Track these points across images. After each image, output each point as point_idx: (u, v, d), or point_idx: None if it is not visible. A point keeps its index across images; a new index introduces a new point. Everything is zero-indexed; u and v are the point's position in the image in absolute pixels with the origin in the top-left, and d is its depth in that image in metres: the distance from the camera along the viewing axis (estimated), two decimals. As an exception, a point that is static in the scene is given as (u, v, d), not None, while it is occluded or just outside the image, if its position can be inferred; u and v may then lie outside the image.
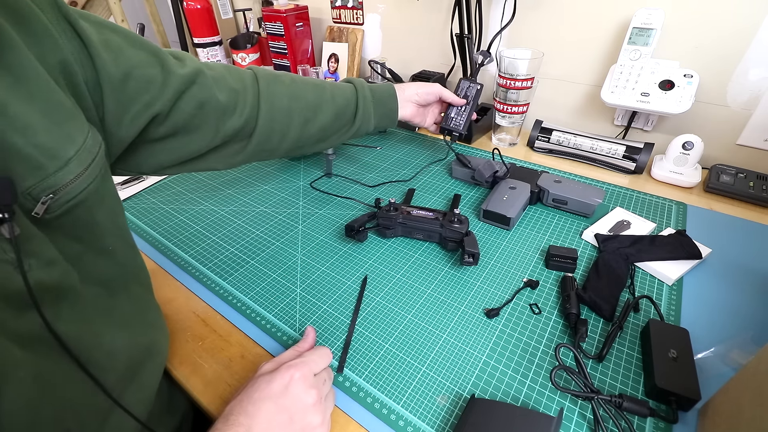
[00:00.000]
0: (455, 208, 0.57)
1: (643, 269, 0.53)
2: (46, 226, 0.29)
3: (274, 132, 0.52)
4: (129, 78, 0.36)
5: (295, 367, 0.36)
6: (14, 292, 0.26)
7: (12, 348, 0.26)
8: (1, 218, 0.25)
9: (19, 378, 0.26)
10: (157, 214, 0.69)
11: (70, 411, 0.30)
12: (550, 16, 0.82)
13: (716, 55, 0.69)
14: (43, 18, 0.30)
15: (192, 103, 0.43)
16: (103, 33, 0.35)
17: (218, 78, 0.46)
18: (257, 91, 0.50)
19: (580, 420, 0.38)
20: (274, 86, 0.51)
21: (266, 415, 0.33)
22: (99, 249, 0.35)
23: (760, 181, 0.66)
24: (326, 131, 0.58)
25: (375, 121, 0.62)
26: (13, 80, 0.27)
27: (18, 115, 0.27)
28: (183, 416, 0.48)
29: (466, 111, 0.72)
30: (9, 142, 0.26)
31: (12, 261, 0.26)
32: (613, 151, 0.74)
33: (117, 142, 0.38)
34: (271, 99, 0.51)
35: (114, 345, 0.35)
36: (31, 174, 0.27)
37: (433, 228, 0.58)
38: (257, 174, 0.79)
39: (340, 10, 1.14)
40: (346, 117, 0.59)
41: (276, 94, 0.51)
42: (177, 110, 0.42)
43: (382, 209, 0.60)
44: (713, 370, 0.42)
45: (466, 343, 0.45)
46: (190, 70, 0.43)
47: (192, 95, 0.43)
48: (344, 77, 1.14)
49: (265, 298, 0.52)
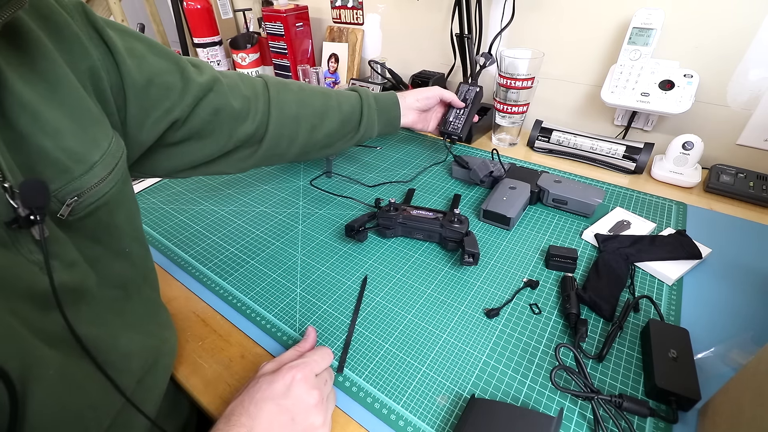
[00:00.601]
0: (455, 208, 0.57)
1: (643, 269, 0.53)
2: (69, 227, 0.30)
3: (283, 137, 0.53)
4: (151, 84, 0.38)
5: (297, 367, 0.36)
6: (40, 293, 0.26)
7: (42, 346, 0.26)
8: (32, 220, 0.25)
9: (49, 376, 0.26)
10: (157, 214, 0.69)
11: (90, 410, 0.30)
12: (550, 16, 0.82)
13: (716, 55, 0.69)
14: (73, 26, 0.31)
15: (208, 110, 0.45)
16: (127, 41, 0.37)
17: (232, 86, 0.48)
18: (268, 98, 0.52)
19: (580, 420, 0.38)
20: (283, 94, 0.53)
21: (268, 415, 0.33)
22: (117, 251, 0.36)
23: (760, 181, 0.65)
24: (332, 137, 0.59)
25: (378, 128, 0.64)
26: (47, 86, 0.28)
27: (49, 120, 0.28)
28: (187, 418, 0.49)
29: (465, 114, 0.73)
30: (39, 145, 0.27)
31: (38, 262, 0.27)
32: (613, 151, 0.74)
33: (137, 145, 0.40)
34: (280, 106, 0.52)
35: (129, 347, 0.35)
36: (58, 177, 0.28)
37: (433, 228, 0.58)
38: (257, 174, 0.79)
39: (340, 10, 1.14)
40: (351, 124, 0.61)
41: (285, 101, 0.53)
42: (194, 116, 0.44)
43: (382, 209, 0.60)
44: (713, 370, 0.41)
45: (466, 343, 0.45)
46: (207, 78, 0.45)
47: (209, 102, 0.44)
48: (344, 77, 1.15)
49: (265, 298, 0.52)
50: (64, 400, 0.27)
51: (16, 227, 0.25)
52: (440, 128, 0.75)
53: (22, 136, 0.27)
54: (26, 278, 0.26)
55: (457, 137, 0.73)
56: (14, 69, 0.27)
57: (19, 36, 0.27)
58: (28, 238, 0.26)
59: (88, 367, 0.29)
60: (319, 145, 0.59)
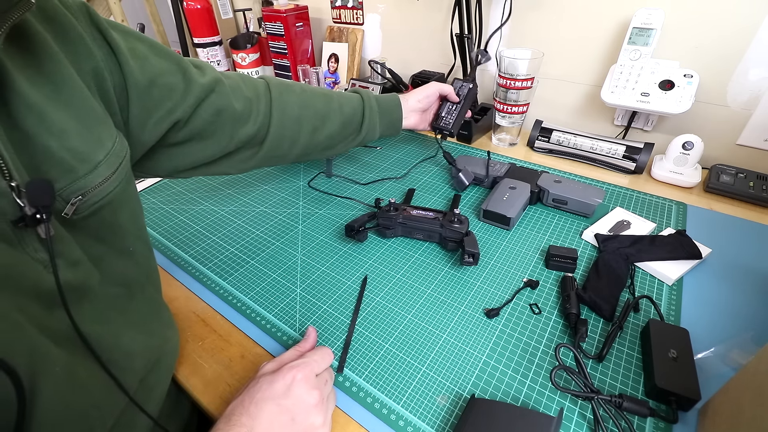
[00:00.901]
0: (455, 208, 0.57)
1: (643, 269, 0.53)
2: (73, 226, 0.30)
3: (284, 139, 0.53)
4: (153, 85, 0.38)
5: (298, 367, 0.36)
6: (45, 291, 0.27)
7: (48, 344, 0.26)
8: (38, 219, 0.26)
9: (55, 373, 0.26)
10: (157, 214, 0.69)
11: (94, 409, 0.30)
12: (550, 16, 0.82)
13: (716, 55, 0.69)
14: (78, 27, 0.32)
15: (210, 111, 0.45)
16: (130, 41, 0.37)
17: (235, 87, 0.48)
18: (269, 99, 0.52)
19: (580, 420, 0.38)
20: (285, 95, 0.53)
21: (268, 415, 0.33)
22: (120, 250, 0.36)
23: (760, 181, 0.65)
24: (334, 139, 0.59)
25: (380, 130, 0.64)
26: (53, 88, 0.29)
27: (55, 121, 0.28)
28: (188, 418, 0.49)
29: (457, 110, 0.72)
30: (45, 145, 0.28)
31: (42, 261, 0.27)
32: (613, 151, 0.74)
33: (139, 146, 0.40)
34: (282, 107, 0.52)
35: (132, 346, 0.36)
36: (62, 176, 0.29)
37: (433, 228, 0.58)
38: (257, 174, 0.79)
39: (340, 10, 1.14)
40: (353, 126, 0.61)
41: (287, 102, 0.53)
42: (196, 117, 0.44)
43: (382, 209, 0.60)
44: (713, 370, 0.41)
45: (466, 343, 0.45)
46: (209, 79, 0.45)
47: (210, 103, 0.45)
48: (344, 77, 1.15)
49: (265, 298, 0.52)
50: (69, 398, 0.27)
51: (22, 226, 0.26)
52: (431, 123, 0.73)
53: (28, 137, 0.27)
54: (31, 276, 0.26)
55: (448, 132, 0.72)
56: (21, 71, 0.27)
57: (27, 38, 0.28)
58: (34, 236, 0.27)
59: (92, 366, 0.30)
60: (320, 147, 0.59)
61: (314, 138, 0.57)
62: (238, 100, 0.48)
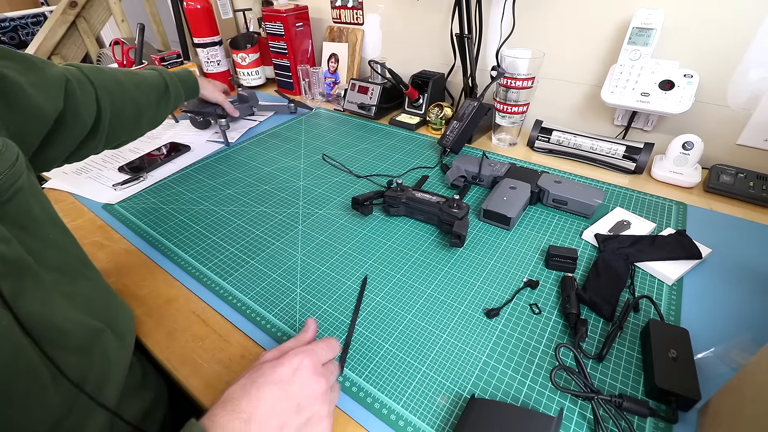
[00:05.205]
0: (462, 196, 0.58)
1: (643, 269, 0.53)
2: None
3: (122, 113, 0.59)
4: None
5: (304, 353, 0.34)
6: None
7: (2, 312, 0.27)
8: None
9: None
10: (157, 214, 0.69)
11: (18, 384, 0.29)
12: (551, 16, 0.82)
13: (716, 55, 0.69)
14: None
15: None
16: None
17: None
18: (90, 80, 0.54)
19: (580, 420, 0.38)
20: (99, 74, 0.57)
21: (271, 400, 0.31)
22: (43, 238, 0.36)
23: (760, 181, 0.66)
24: (151, 107, 0.66)
25: (184, 92, 0.75)
26: None
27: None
28: (157, 390, 0.49)
29: (460, 129, 0.80)
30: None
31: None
32: (613, 151, 0.74)
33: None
34: (104, 86, 0.56)
35: (66, 325, 0.34)
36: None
37: (432, 210, 0.61)
38: (257, 174, 0.79)
39: (340, 10, 1.14)
40: (161, 90, 0.69)
41: (104, 80, 0.57)
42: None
43: (391, 189, 0.64)
44: (713, 370, 0.41)
45: (466, 343, 0.45)
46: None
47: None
48: (344, 77, 1.15)
49: (265, 298, 0.52)
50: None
51: None
52: (438, 140, 0.83)
53: None
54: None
55: (449, 149, 0.80)
56: None
57: None
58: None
59: (26, 340, 0.29)
60: (147, 116, 0.65)
61: (135, 105, 0.62)
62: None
